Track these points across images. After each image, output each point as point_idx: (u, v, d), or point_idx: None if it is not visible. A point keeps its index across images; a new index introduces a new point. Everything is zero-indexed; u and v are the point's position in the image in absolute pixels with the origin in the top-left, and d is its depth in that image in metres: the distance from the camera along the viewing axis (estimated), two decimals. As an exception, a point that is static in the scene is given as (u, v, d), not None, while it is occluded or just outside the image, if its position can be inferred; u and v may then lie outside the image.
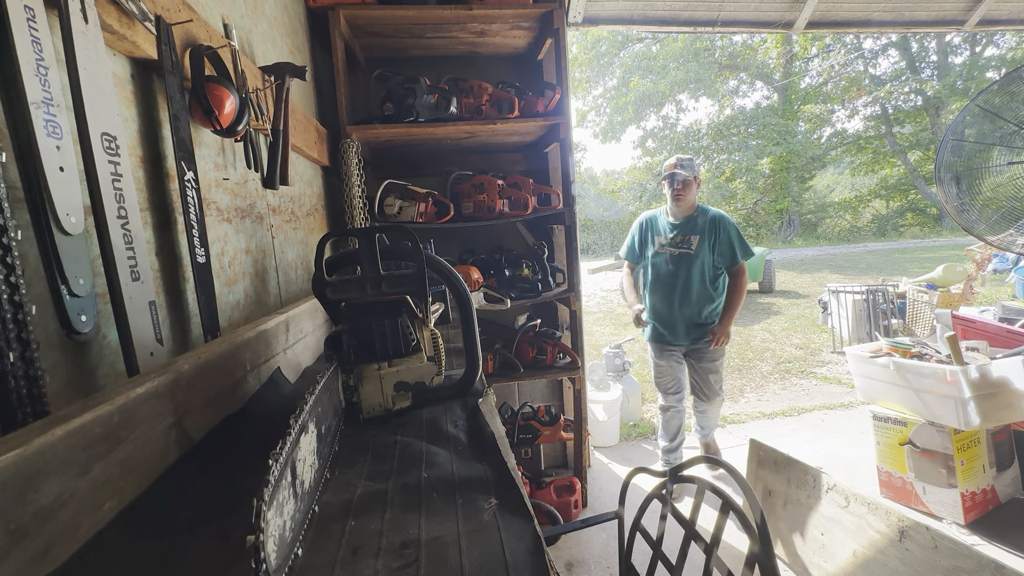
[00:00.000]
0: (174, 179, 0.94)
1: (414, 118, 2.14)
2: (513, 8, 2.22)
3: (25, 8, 0.60)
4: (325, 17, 2.08)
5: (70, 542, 0.46)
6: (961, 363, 1.81)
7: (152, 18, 0.84)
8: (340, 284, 0.85)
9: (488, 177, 2.36)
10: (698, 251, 2.61)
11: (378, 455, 0.72)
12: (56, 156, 0.63)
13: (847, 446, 3.11)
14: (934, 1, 3.63)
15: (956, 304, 4.82)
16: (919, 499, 1.89)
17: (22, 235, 0.59)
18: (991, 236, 2.52)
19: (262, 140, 1.32)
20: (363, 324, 0.83)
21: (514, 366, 2.40)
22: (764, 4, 3.38)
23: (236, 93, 1.03)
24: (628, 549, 1.15)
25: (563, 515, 2.42)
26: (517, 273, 2.49)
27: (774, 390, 4.39)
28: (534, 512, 0.55)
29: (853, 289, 5.35)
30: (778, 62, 19.81)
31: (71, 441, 0.47)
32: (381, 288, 0.84)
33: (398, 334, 0.84)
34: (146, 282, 0.78)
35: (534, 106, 2.34)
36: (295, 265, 1.61)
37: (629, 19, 3.31)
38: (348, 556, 0.49)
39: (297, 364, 1.18)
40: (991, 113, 2.48)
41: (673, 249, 2.66)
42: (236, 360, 0.86)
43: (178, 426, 0.66)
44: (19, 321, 0.55)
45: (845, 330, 5.37)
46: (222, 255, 1.11)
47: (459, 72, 2.42)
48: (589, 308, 8.44)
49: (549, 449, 3.00)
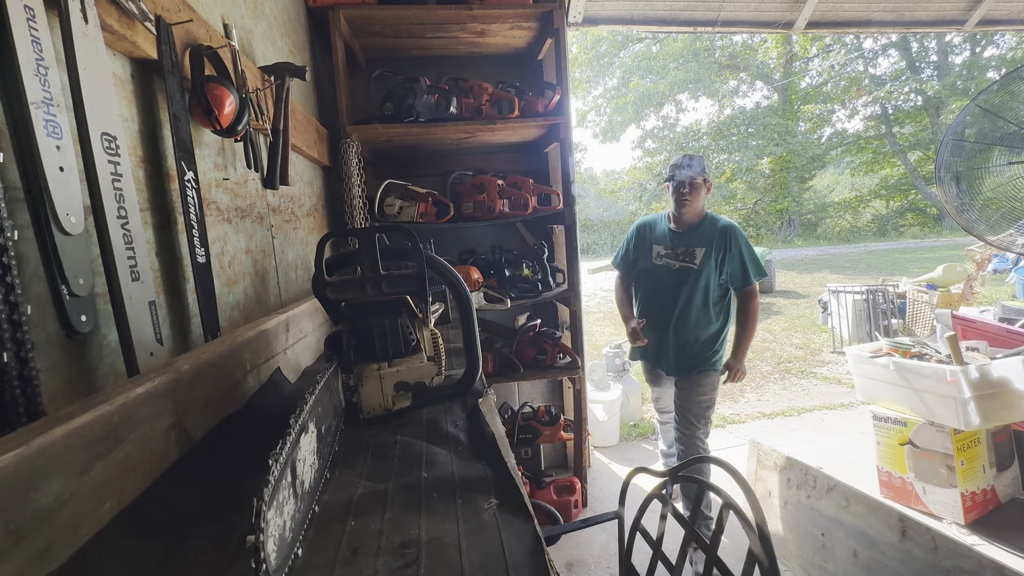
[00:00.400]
0: (174, 179, 0.94)
1: (414, 118, 2.14)
2: (513, 8, 2.22)
3: (25, 8, 0.60)
4: (325, 17, 2.08)
5: (70, 542, 0.46)
6: (961, 363, 1.81)
7: (152, 18, 0.84)
8: (340, 284, 0.85)
9: (488, 177, 2.36)
10: (702, 266, 2.20)
11: (378, 455, 0.72)
12: (56, 156, 0.63)
13: (847, 446, 3.11)
14: (934, 1, 3.63)
15: (956, 304, 4.82)
16: (919, 499, 1.89)
17: (22, 235, 0.59)
18: (991, 236, 2.52)
19: (262, 140, 1.32)
20: (363, 324, 0.83)
21: (514, 366, 2.40)
22: (764, 4, 3.38)
23: (236, 93, 1.03)
24: (628, 549, 1.15)
25: (563, 515, 2.41)
26: (517, 273, 2.49)
27: (774, 390, 4.39)
28: (534, 512, 0.55)
29: (853, 289, 5.35)
30: (778, 62, 19.81)
31: (71, 441, 0.47)
32: (381, 288, 0.84)
33: (398, 334, 0.84)
34: (146, 282, 0.78)
35: (534, 106, 2.33)
36: (295, 265, 1.61)
37: (629, 19, 3.31)
38: (348, 556, 0.49)
39: (297, 364, 1.18)
40: (991, 113, 2.48)
41: (673, 261, 2.27)
42: (236, 360, 0.86)
43: (178, 426, 0.66)
44: (14, 321, 0.55)
45: (845, 330, 5.37)
46: (222, 255, 1.11)
47: (459, 72, 2.42)
48: (589, 308, 8.44)
49: (549, 449, 2.99)
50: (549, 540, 0.85)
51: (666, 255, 2.30)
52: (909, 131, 18.95)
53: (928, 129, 18.14)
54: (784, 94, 19.53)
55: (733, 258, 2.19)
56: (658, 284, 2.32)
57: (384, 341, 0.83)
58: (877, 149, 19.62)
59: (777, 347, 5.63)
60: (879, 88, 18.56)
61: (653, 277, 2.34)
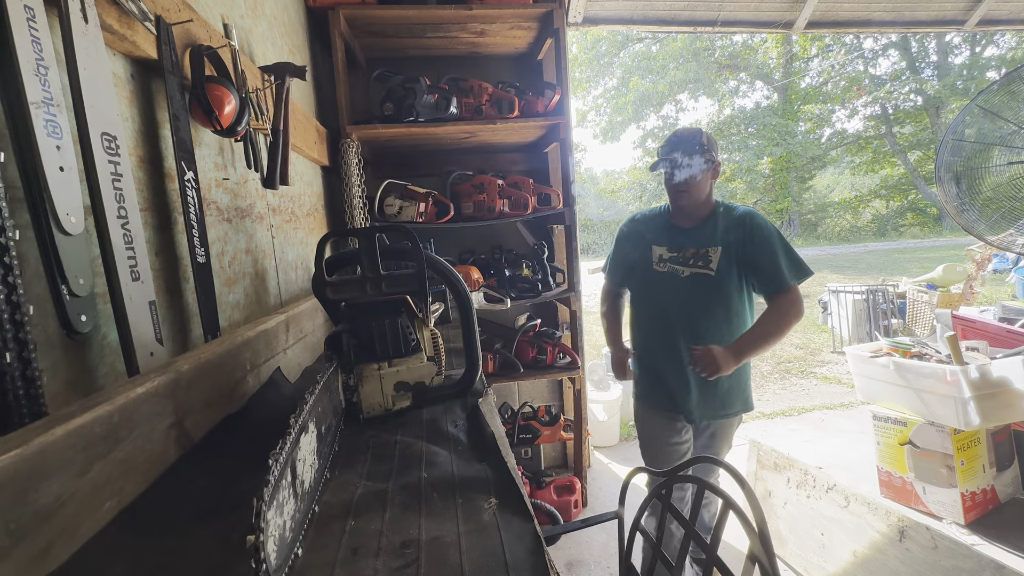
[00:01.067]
0: (174, 179, 0.94)
1: (414, 118, 2.14)
2: (513, 8, 2.22)
3: (25, 8, 0.60)
4: (325, 17, 2.08)
5: (70, 542, 0.46)
6: (961, 363, 1.81)
7: (152, 18, 0.84)
8: (340, 284, 0.85)
9: (488, 177, 2.36)
10: (721, 271, 1.65)
11: (378, 455, 0.72)
12: (56, 156, 0.63)
13: (847, 446, 3.11)
14: (934, 1, 3.63)
15: (956, 304, 4.82)
16: (919, 499, 1.89)
17: (22, 235, 0.59)
18: (991, 236, 2.51)
19: (262, 140, 1.32)
20: (363, 324, 0.83)
21: (514, 366, 2.40)
22: (764, 4, 3.38)
23: (236, 93, 1.03)
24: (628, 549, 1.15)
25: (563, 515, 2.42)
26: (517, 273, 2.49)
27: (774, 390, 4.39)
28: (534, 512, 0.55)
29: (853, 289, 5.35)
30: (778, 62, 19.81)
31: (71, 441, 0.47)
32: (381, 288, 0.84)
33: (398, 334, 0.84)
34: (146, 282, 0.78)
35: (534, 106, 2.33)
36: (295, 265, 1.61)
37: (629, 19, 3.31)
38: (348, 556, 0.49)
39: (297, 364, 1.18)
40: (991, 113, 2.48)
41: (682, 267, 1.70)
42: (236, 360, 0.86)
43: (178, 426, 0.66)
44: (16, 321, 0.55)
45: (845, 330, 5.37)
46: (222, 255, 1.11)
47: (459, 72, 2.42)
48: (589, 308, 8.42)
49: (549, 449, 2.99)
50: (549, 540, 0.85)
51: (671, 259, 1.72)
52: (909, 131, 18.95)
53: (928, 129, 18.14)
54: (784, 94, 19.53)
55: (762, 254, 1.62)
56: (662, 299, 1.73)
57: (384, 341, 0.83)
58: (877, 149, 19.62)
59: (777, 347, 5.63)
60: (879, 88, 18.56)
61: (654, 289, 1.76)
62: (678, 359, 1.70)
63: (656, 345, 1.78)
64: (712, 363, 1.56)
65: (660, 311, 1.75)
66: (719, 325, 1.68)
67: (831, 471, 2.03)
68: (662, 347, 1.75)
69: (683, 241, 1.73)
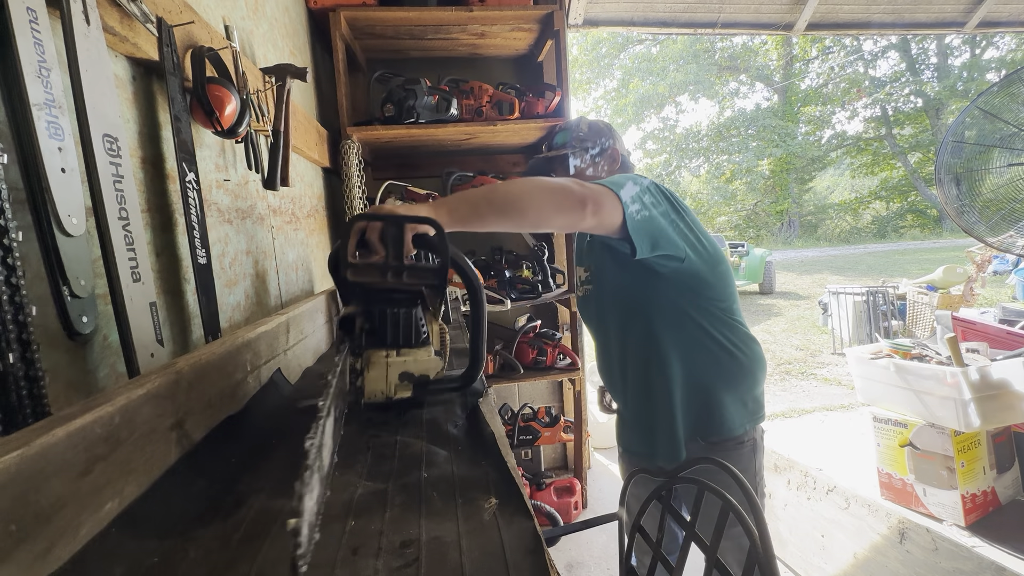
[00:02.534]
0: (175, 180, 0.94)
1: (415, 119, 2.14)
2: (513, 10, 2.23)
3: (27, 10, 0.60)
4: (326, 19, 2.09)
5: (71, 543, 0.47)
6: (961, 365, 1.81)
7: (154, 20, 0.84)
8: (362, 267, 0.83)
9: (488, 178, 2.37)
10: (600, 283, 1.29)
11: (378, 455, 0.72)
12: (58, 158, 0.63)
13: (847, 448, 3.11)
14: (934, 3, 3.64)
15: (956, 306, 4.82)
16: (919, 501, 1.89)
17: (23, 236, 0.59)
18: (991, 238, 2.52)
19: (263, 141, 1.32)
20: (379, 310, 0.82)
21: (514, 367, 2.40)
22: (764, 6, 3.39)
23: (237, 94, 1.03)
24: (628, 550, 1.15)
25: (563, 516, 2.41)
26: (517, 274, 2.49)
27: (774, 391, 4.39)
28: (534, 513, 0.55)
29: (853, 290, 5.35)
30: (778, 64, 19.84)
31: (72, 442, 0.48)
32: (402, 277, 0.83)
33: (411, 324, 0.83)
34: (147, 283, 0.78)
35: (535, 107, 2.34)
36: (296, 266, 1.61)
37: (629, 21, 3.32)
38: (348, 556, 0.49)
39: (298, 365, 1.18)
40: (991, 115, 2.48)
41: (585, 287, 1.36)
42: (237, 361, 0.86)
43: (179, 427, 0.66)
44: (20, 322, 0.55)
45: (845, 331, 5.37)
46: (223, 256, 1.11)
47: (460, 73, 2.42)
48: (589, 309, 8.42)
49: (549, 450, 2.99)
50: (549, 541, 0.85)
51: (581, 282, 1.39)
52: (909, 133, 18.98)
53: (928, 131, 18.17)
54: (784, 96, 19.56)
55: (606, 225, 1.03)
56: (596, 329, 1.37)
57: (396, 329, 0.82)
58: (877, 151, 19.65)
59: (777, 348, 5.63)
60: (879, 90, 18.60)
61: (585, 318, 1.42)
62: (626, 399, 1.32)
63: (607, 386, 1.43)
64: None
65: (598, 344, 1.40)
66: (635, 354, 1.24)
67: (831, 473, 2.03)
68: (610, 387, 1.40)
69: (583, 258, 1.39)
